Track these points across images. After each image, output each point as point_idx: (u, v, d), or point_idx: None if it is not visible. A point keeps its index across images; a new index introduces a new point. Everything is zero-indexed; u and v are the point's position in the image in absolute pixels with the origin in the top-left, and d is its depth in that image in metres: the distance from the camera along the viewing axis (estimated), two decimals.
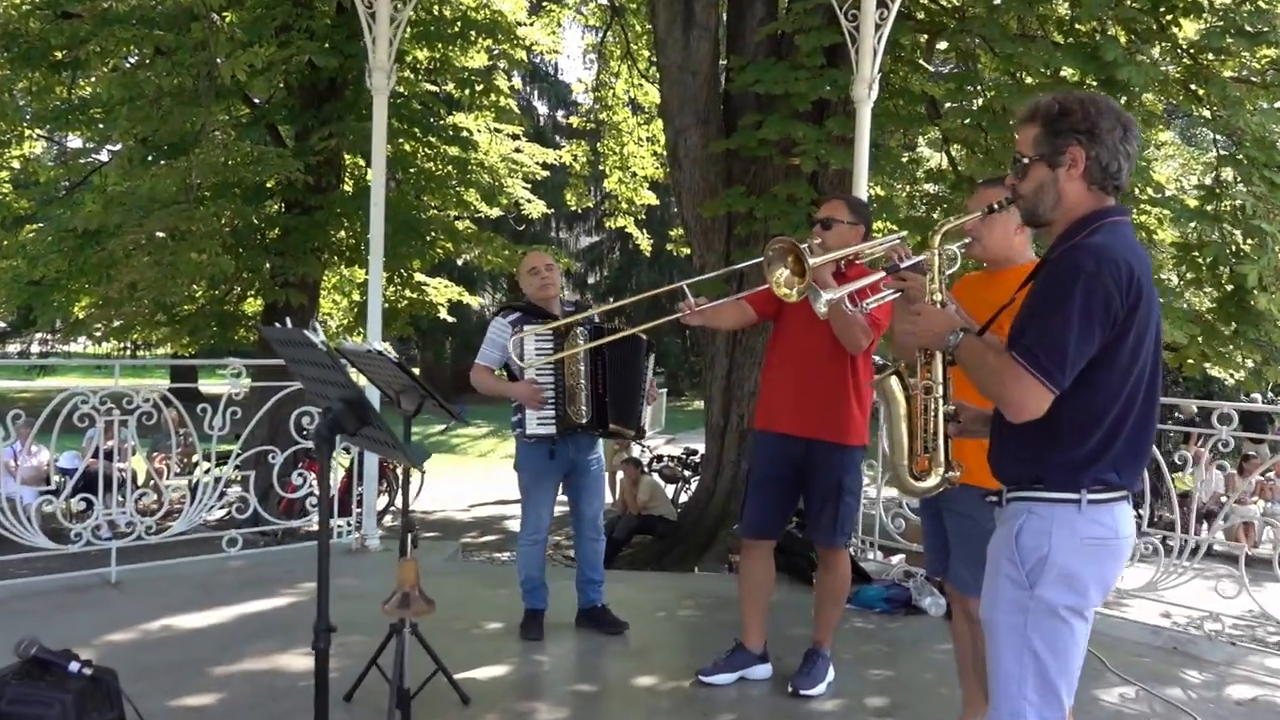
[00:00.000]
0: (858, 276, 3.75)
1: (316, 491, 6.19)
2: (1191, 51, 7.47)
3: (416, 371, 4.67)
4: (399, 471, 10.80)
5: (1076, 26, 7.72)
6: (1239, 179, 7.16)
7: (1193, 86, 7.72)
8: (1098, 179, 2.16)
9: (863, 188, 5.80)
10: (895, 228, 8.41)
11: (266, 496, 6.45)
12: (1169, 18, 7.39)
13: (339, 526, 6.19)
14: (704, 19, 8.05)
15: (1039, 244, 3.00)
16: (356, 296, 12.69)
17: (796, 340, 3.84)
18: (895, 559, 6.38)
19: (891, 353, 2.85)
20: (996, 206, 2.35)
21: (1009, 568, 2.16)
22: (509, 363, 4.49)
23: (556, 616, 4.61)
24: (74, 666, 2.75)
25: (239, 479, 6.12)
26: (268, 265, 10.02)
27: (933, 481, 2.39)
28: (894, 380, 2.41)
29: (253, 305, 11.55)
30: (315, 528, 6.60)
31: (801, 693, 3.86)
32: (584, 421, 4.37)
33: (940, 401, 2.36)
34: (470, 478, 14.67)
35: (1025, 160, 2.20)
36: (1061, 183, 2.17)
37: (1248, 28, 6.84)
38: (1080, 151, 2.14)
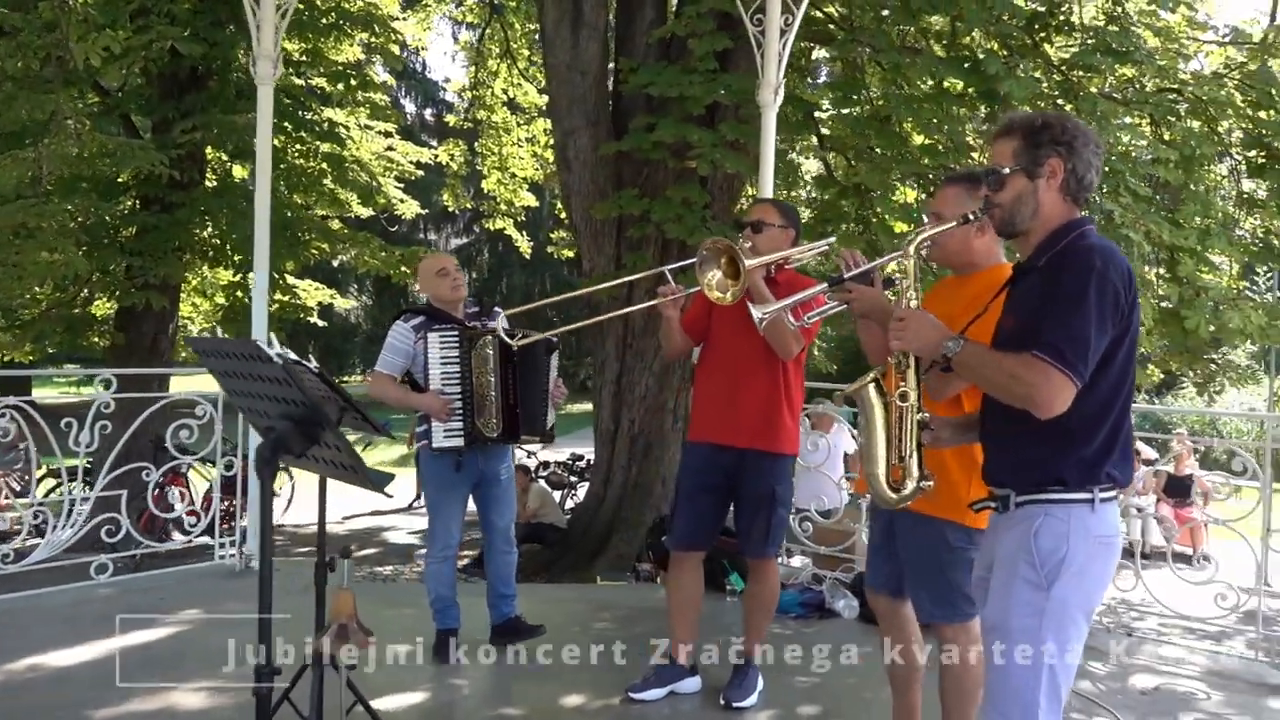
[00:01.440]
0: (787, 280, 3.72)
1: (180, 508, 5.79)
2: (1063, 68, 7.82)
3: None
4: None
5: (957, 41, 7.97)
6: (1105, 190, 7.52)
7: (1060, 101, 8.08)
8: (1073, 190, 2.26)
9: (768, 190, 5.80)
10: None
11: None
12: (1042, 35, 7.72)
13: (219, 546, 5.78)
14: (593, 19, 7.92)
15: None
16: (220, 299, 12.00)
17: (727, 348, 3.76)
18: (796, 560, 6.41)
19: (871, 360, 2.81)
20: (972, 217, 2.38)
21: (1026, 570, 2.17)
22: (412, 370, 4.30)
23: (469, 635, 4.40)
24: None
25: (93, 498, 5.56)
26: (124, 265, 9.33)
27: (908, 490, 2.35)
28: (872, 389, 2.36)
29: (102, 308, 10.76)
30: (181, 548, 6.22)
31: (734, 705, 3.79)
32: (495, 435, 4.21)
33: (914, 410, 2.33)
34: (343, 487, 14.00)
35: (1004, 171, 2.26)
36: (1040, 193, 2.25)
37: (1115, 46, 7.19)
38: (1060, 163, 2.23)
